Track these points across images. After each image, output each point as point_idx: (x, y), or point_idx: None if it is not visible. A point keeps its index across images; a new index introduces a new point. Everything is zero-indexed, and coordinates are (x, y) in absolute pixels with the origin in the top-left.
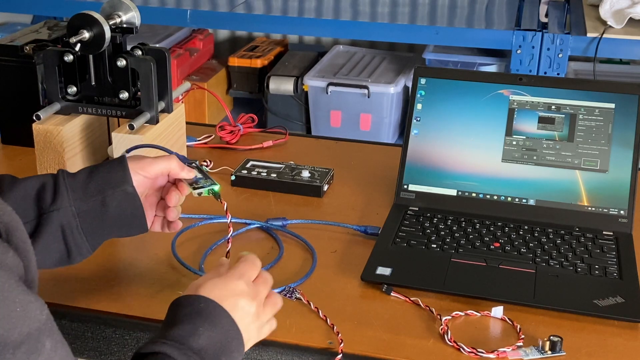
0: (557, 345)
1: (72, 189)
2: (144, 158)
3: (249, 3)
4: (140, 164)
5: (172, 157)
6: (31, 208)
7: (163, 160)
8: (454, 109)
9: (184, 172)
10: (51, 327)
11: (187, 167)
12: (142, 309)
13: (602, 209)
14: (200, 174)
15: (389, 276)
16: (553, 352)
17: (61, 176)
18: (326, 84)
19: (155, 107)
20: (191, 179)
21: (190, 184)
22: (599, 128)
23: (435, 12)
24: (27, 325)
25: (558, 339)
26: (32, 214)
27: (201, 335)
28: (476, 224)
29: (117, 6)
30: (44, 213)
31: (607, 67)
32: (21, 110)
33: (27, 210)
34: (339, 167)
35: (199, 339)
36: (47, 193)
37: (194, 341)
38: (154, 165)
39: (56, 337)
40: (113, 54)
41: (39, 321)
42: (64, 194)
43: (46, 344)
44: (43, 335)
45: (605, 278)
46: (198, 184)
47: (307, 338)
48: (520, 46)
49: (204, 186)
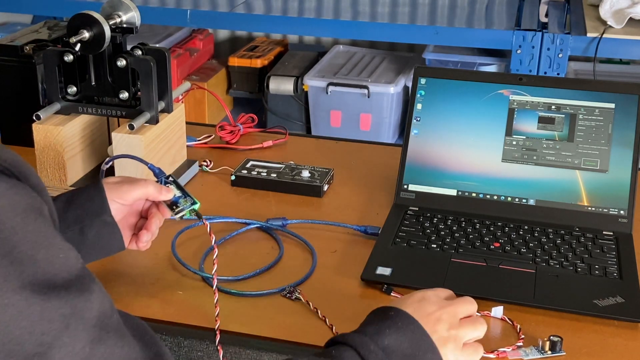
0: (557, 345)
1: None
2: (121, 184)
3: (249, 3)
4: (118, 192)
5: (149, 182)
6: None
7: (140, 186)
8: (454, 109)
9: (162, 194)
10: (90, 274)
11: (165, 188)
12: (142, 309)
13: (602, 209)
14: (178, 190)
15: (389, 276)
16: (553, 352)
17: None
18: (326, 84)
19: (155, 107)
20: (170, 199)
21: (169, 206)
22: (599, 128)
23: (435, 12)
24: (70, 271)
25: (558, 339)
26: None
27: (387, 336)
28: (476, 224)
29: (117, 6)
30: None
31: (607, 67)
32: (21, 110)
33: None
34: (339, 167)
35: (384, 338)
36: None
37: (380, 339)
38: (131, 192)
39: (98, 283)
40: (113, 54)
41: (78, 268)
42: None
43: (92, 286)
44: (87, 279)
45: (605, 278)
46: (178, 205)
47: (307, 338)
48: (520, 46)
49: (184, 208)
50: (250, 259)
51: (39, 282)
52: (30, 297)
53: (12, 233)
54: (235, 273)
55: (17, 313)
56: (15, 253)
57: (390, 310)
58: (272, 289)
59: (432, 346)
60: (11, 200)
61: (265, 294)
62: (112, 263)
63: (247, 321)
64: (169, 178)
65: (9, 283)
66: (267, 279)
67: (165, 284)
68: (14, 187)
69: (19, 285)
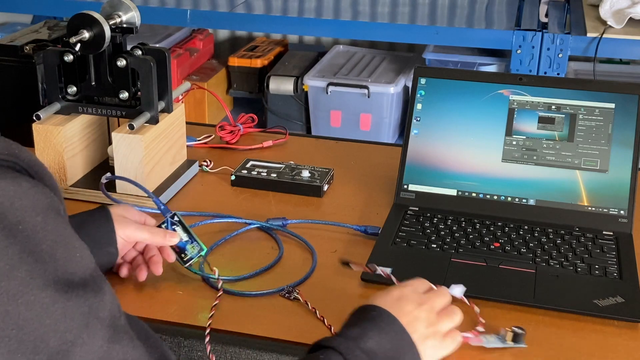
0: (519, 337)
1: None
2: (128, 224)
3: (249, 3)
4: (124, 229)
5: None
6: None
7: (146, 231)
8: (454, 109)
9: (167, 240)
10: (101, 274)
11: (170, 234)
12: (142, 309)
13: (602, 209)
14: (184, 232)
15: None
16: (515, 343)
17: None
18: (326, 84)
19: (155, 107)
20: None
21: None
22: (599, 128)
23: (435, 12)
24: (85, 270)
25: (522, 331)
26: None
27: (370, 339)
28: (476, 224)
29: (117, 6)
30: None
31: (607, 67)
32: (21, 110)
33: None
34: (339, 167)
35: (367, 341)
36: None
37: (363, 343)
38: (137, 233)
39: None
40: (113, 54)
41: (92, 268)
42: None
43: (104, 287)
44: (99, 279)
45: (605, 278)
46: (186, 253)
47: (307, 338)
48: (520, 46)
49: (192, 256)
50: (250, 259)
51: (60, 280)
52: (54, 295)
53: (34, 232)
54: (235, 273)
55: (42, 310)
56: (38, 251)
57: (372, 309)
58: (272, 289)
59: (411, 346)
60: (33, 199)
61: (265, 294)
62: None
63: (246, 321)
64: (174, 217)
65: (35, 280)
66: (267, 279)
67: (165, 284)
68: (35, 187)
69: (44, 282)
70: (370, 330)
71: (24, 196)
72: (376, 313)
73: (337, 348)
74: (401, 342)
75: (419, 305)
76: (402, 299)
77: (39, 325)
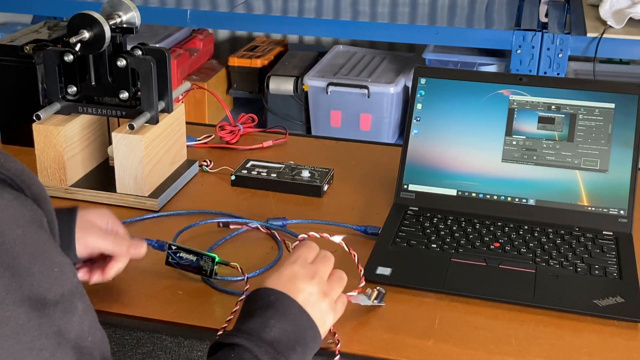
0: (380, 296)
1: None
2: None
3: (249, 3)
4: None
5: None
6: None
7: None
8: (454, 109)
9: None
10: (81, 290)
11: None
12: (142, 309)
13: (602, 209)
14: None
15: (389, 276)
16: (378, 302)
17: None
18: (326, 84)
19: (155, 107)
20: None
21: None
22: (599, 128)
23: (435, 12)
24: (63, 286)
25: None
26: None
27: (273, 328)
28: (476, 224)
29: (117, 6)
30: None
31: (607, 67)
32: (21, 110)
33: None
34: (339, 167)
35: (270, 331)
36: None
37: (266, 333)
38: (99, 242)
39: (86, 301)
40: (113, 54)
41: (72, 283)
42: None
43: (78, 305)
44: (75, 297)
45: (605, 278)
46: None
47: None
48: (520, 46)
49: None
50: (250, 259)
51: (34, 296)
52: (29, 312)
53: (13, 245)
54: (235, 273)
55: (18, 327)
56: (16, 265)
57: (269, 294)
58: None
59: (311, 323)
60: (15, 212)
61: None
62: None
63: None
64: (172, 247)
65: (11, 295)
66: None
67: (165, 284)
68: (17, 199)
69: (19, 298)
70: (272, 318)
71: (5, 209)
72: (274, 297)
73: (244, 345)
74: (302, 322)
75: (311, 280)
76: (294, 277)
77: (15, 343)
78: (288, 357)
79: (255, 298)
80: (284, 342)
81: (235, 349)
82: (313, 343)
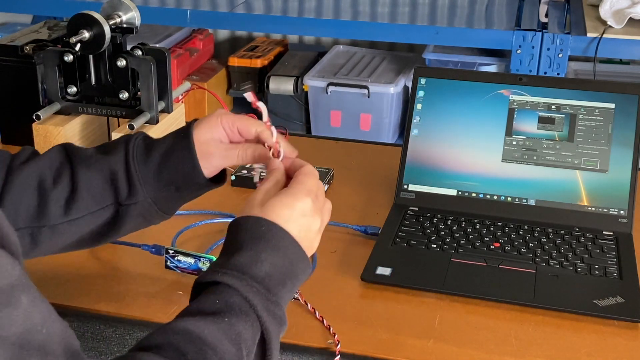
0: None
1: (145, 180)
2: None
3: (249, 3)
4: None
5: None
6: (108, 193)
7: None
8: (454, 109)
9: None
10: (26, 283)
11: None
12: (142, 309)
13: (602, 209)
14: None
15: (389, 276)
16: None
17: (132, 164)
18: (326, 84)
19: (155, 107)
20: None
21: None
22: (599, 128)
23: (435, 12)
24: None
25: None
26: (110, 199)
27: (264, 262)
28: (476, 224)
29: (117, 6)
30: (121, 204)
31: (607, 67)
32: (21, 110)
33: (104, 196)
34: (339, 167)
35: (262, 266)
36: (121, 182)
37: (257, 269)
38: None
39: (34, 293)
40: (113, 54)
41: (11, 276)
42: (138, 189)
43: (22, 298)
44: (17, 290)
45: (605, 278)
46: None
47: (307, 338)
48: (520, 46)
49: None
50: None
51: None
52: None
53: None
54: None
55: None
56: None
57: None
58: None
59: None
60: None
61: None
62: (112, 262)
63: None
64: (169, 252)
65: None
66: None
67: (165, 284)
68: None
69: None
70: (263, 252)
71: None
72: (265, 228)
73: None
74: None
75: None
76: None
77: None
78: (278, 294)
79: (245, 227)
80: (276, 277)
81: (222, 290)
82: (302, 275)
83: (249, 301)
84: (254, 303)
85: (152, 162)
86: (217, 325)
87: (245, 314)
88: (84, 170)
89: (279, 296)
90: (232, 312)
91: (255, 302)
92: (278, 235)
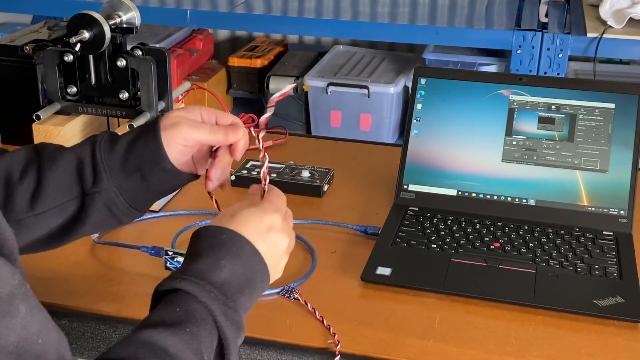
0: None
1: (110, 168)
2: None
3: (249, 3)
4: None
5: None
6: (73, 185)
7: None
8: (454, 109)
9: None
10: (25, 292)
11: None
12: (142, 309)
13: (602, 209)
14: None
15: (389, 276)
16: None
17: (98, 153)
18: (326, 84)
19: (155, 107)
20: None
21: None
22: (599, 128)
23: (435, 12)
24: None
25: None
26: (76, 191)
27: (223, 269)
28: (476, 224)
29: (117, 6)
30: (87, 194)
31: (607, 67)
32: (21, 110)
33: (70, 188)
34: (339, 167)
35: (220, 272)
36: (87, 172)
37: (216, 275)
38: (193, 134)
39: (32, 302)
40: (113, 54)
41: (10, 285)
42: (102, 176)
43: (20, 307)
44: (16, 299)
45: (605, 278)
46: None
47: (307, 338)
48: (520, 46)
49: None
50: None
51: None
52: None
53: None
54: None
55: None
56: None
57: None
58: (272, 289)
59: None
60: None
61: (264, 294)
62: (112, 262)
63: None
64: (168, 253)
65: None
66: None
67: None
68: None
69: None
70: (222, 259)
71: None
72: (226, 237)
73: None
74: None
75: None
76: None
77: None
78: (236, 300)
79: (206, 235)
80: (234, 284)
81: (181, 297)
82: (261, 283)
83: (207, 306)
84: (212, 308)
85: (119, 150)
86: (179, 337)
87: (204, 321)
88: (50, 164)
89: (237, 302)
90: (194, 321)
91: (213, 308)
92: (239, 244)
